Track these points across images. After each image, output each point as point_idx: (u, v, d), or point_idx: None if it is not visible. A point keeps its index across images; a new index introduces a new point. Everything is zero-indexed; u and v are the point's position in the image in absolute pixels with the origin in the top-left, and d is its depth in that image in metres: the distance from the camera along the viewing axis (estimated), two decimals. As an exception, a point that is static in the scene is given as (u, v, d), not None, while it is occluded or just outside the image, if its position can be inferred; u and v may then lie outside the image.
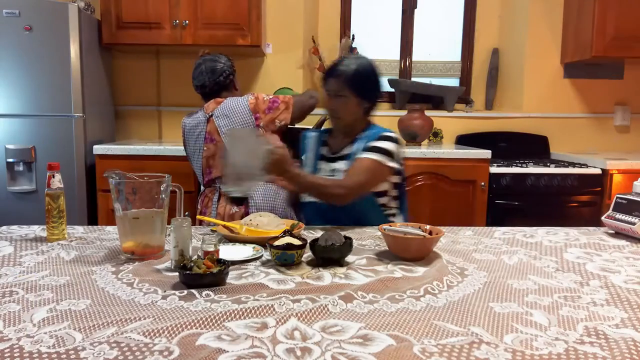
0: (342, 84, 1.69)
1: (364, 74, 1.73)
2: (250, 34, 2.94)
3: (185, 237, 1.16)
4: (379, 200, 1.73)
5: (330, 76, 1.72)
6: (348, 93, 1.70)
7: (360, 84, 1.71)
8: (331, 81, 1.71)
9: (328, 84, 1.72)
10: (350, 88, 1.70)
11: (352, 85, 1.69)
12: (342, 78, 1.69)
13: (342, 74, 1.69)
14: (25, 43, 2.65)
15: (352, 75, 1.70)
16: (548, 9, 3.36)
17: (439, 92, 3.44)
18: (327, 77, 1.73)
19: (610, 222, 1.54)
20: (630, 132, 3.52)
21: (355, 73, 1.70)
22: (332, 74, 1.72)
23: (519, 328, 0.87)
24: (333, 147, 1.81)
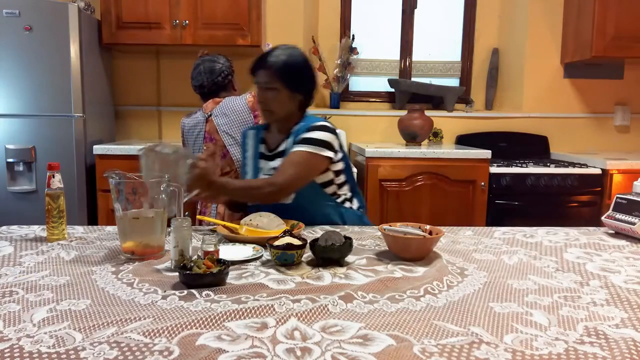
0: (271, 75, 1.61)
1: (294, 66, 1.64)
2: (250, 34, 2.94)
3: (185, 237, 1.16)
4: (327, 191, 1.69)
5: (259, 68, 1.63)
6: (279, 85, 1.62)
7: (291, 75, 1.63)
8: (260, 73, 1.63)
9: (257, 76, 1.64)
10: (281, 80, 1.62)
11: (282, 77, 1.62)
12: (272, 70, 1.61)
13: (272, 66, 1.61)
14: (25, 43, 2.65)
15: (282, 67, 1.61)
16: (548, 9, 3.36)
17: (439, 92, 3.44)
18: (256, 69, 1.64)
19: (610, 222, 1.54)
20: (630, 132, 3.52)
21: (285, 64, 1.62)
22: (261, 66, 1.63)
23: (519, 328, 0.87)
24: (270, 144, 1.76)
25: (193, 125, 2.23)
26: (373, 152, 2.75)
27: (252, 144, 1.81)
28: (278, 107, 1.65)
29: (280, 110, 1.66)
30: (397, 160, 2.75)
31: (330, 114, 3.26)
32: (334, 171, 1.70)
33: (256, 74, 1.65)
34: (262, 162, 1.76)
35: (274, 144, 1.75)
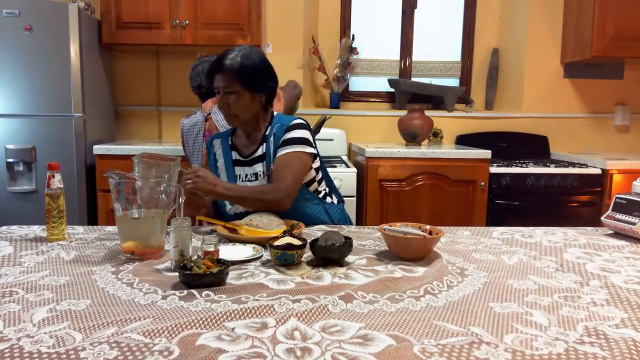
0: (230, 78, 1.57)
1: (252, 66, 1.59)
2: (250, 34, 2.94)
3: (185, 237, 1.16)
4: (310, 189, 1.69)
5: (216, 72, 1.58)
6: (239, 88, 1.58)
7: (250, 76, 1.59)
8: (218, 77, 1.58)
9: (215, 81, 1.59)
10: (241, 82, 1.58)
11: (241, 79, 1.58)
12: (230, 73, 1.57)
13: (228, 68, 1.57)
14: (25, 43, 2.65)
15: (239, 69, 1.57)
16: (548, 9, 3.36)
17: (439, 92, 3.44)
18: (213, 74, 1.60)
19: (610, 222, 1.54)
20: (630, 132, 3.52)
21: (242, 66, 1.57)
22: (218, 70, 1.58)
23: (519, 328, 0.87)
24: (243, 150, 1.71)
25: (192, 125, 2.23)
26: (373, 152, 2.75)
27: (221, 152, 1.75)
28: (242, 110, 1.61)
29: (245, 113, 1.62)
30: (397, 160, 2.75)
31: (330, 114, 3.26)
32: (314, 168, 1.70)
33: (213, 79, 1.60)
34: (239, 169, 1.70)
35: (248, 149, 1.70)
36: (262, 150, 1.67)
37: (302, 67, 3.36)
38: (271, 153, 1.64)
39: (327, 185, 1.79)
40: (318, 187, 1.73)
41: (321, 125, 2.84)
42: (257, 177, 1.66)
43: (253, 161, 1.68)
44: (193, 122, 2.23)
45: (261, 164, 1.66)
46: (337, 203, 1.79)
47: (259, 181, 1.66)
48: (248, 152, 1.70)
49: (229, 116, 1.63)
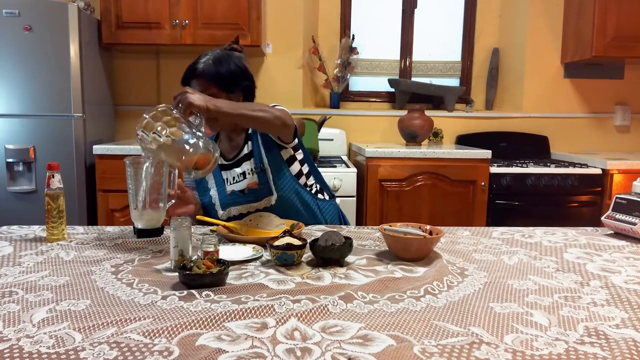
0: (205, 82, 1.57)
1: (223, 66, 1.59)
2: (250, 33, 2.94)
3: (185, 237, 1.16)
4: (301, 182, 1.68)
5: (191, 78, 1.58)
6: (215, 91, 1.58)
7: (224, 77, 1.59)
8: (193, 83, 1.58)
9: (193, 86, 1.57)
10: (216, 85, 1.58)
11: (216, 80, 1.58)
12: (204, 77, 1.56)
13: (202, 72, 1.57)
14: (25, 43, 2.64)
15: (213, 71, 1.57)
16: (548, 9, 3.36)
17: (439, 92, 3.44)
18: (187, 80, 1.59)
19: (610, 223, 1.54)
20: (630, 132, 3.52)
21: (215, 68, 1.57)
22: (193, 76, 1.58)
23: (519, 328, 0.87)
24: (225, 153, 1.70)
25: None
26: (373, 152, 2.75)
27: None
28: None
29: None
30: (397, 160, 2.75)
31: (330, 114, 3.26)
32: (298, 160, 1.69)
33: (190, 85, 1.59)
34: (225, 173, 1.69)
35: (231, 151, 1.70)
36: (247, 149, 1.67)
37: (302, 67, 3.36)
38: (260, 148, 1.63)
39: (316, 180, 1.77)
40: (307, 180, 1.72)
41: (321, 125, 2.85)
42: (245, 176, 1.66)
43: (239, 161, 1.67)
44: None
45: (249, 161, 1.65)
46: (329, 199, 1.78)
47: (247, 179, 1.65)
48: (232, 155, 1.69)
49: (209, 121, 1.59)
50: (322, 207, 1.73)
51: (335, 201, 1.83)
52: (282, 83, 3.35)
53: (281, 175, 1.62)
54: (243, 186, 1.66)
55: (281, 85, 3.35)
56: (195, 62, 1.60)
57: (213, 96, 1.52)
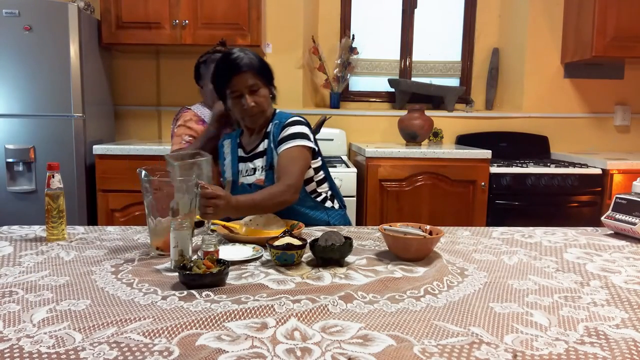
0: (255, 75, 1.60)
1: (265, 62, 1.66)
2: (250, 33, 2.94)
3: (185, 237, 1.16)
4: (307, 189, 1.70)
5: (239, 71, 1.58)
6: (261, 84, 1.62)
7: (267, 72, 1.65)
8: (244, 76, 1.58)
9: (239, 82, 1.59)
10: (262, 79, 1.62)
11: (263, 75, 1.62)
12: (254, 69, 1.59)
13: (252, 66, 1.60)
14: (25, 43, 2.64)
15: (260, 65, 1.61)
16: (548, 8, 3.36)
17: (439, 92, 3.44)
18: (233, 75, 1.58)
19: (610, 223, 1.54)
20: (630, 132, 3.52)
21: (260, 62, 1.62)
22: (241, 69, 1.58)
23: (519, 328, 0.87)
24: (246, 146, 1.75)
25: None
26: (373, 152, 2.75)
27: (229, 150, 1.78)
28: (267, 105, 1.67)
29: (269, 108, 1.68)
30: (397, 160, 2.75)
31: (330, 114, 3.26)
32: (313, 168, 1.70)
33: (232, 81, 1.59)
34: (242, 165, 1.74)
35: (250, 145, 1.73)
36: (263, 146, 1.69)
37: (302, 67, 3.36)
38: (272, 149, 1.65)
39: (329, 188, 1.78)
40: (317, 187, 1.73)
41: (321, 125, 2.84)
42: (255, 172, 1.68)
43: (254, 156, 1.70)
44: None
45: (262, 159, 1.68)
46: (338, 208, 1.78)
47: (255, 175, 1.67)
48: (250, 148, 1.73)
49: (257, 114, 1.65)
50: (330, 215, 1.72)
51: (345, 212, 1.82)
52: (282, 83, 3.32)
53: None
54: (251, 181, 1.68)
55: (281, 85, 3.31)
56: (234, 58, 1.59)
57: (260, 91, 1.61)
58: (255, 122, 1.68)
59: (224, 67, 1.61)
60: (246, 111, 1.62)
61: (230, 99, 1.63)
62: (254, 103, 1.61)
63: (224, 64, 1.61)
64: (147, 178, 1.28)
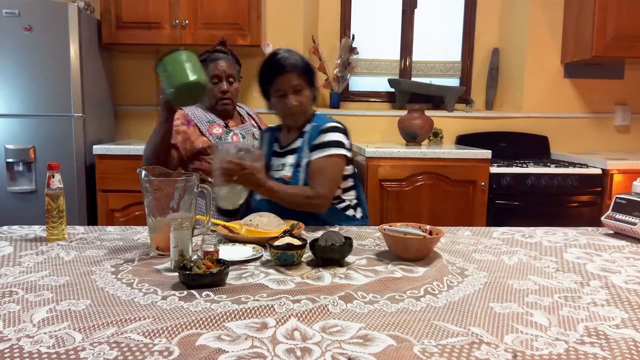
0: (299, 77, 1.64)
1: (309, 64, 1.71)
2: (250, 33, 2.94)
3: (185, 238, 1.16)
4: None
5: (284, 71, 1.63)
6: (305, 85, 1.66)
7: (311, 74, 1.70)
8: (289, 76, 1.63)
9: (283, 82, 1.64)
10: (306, 80, 1.66)
11: (307, 76, 1.67)
12: (299, 70, 1.64)
13: (297, 66, 1.64)
14: (25, 43, 2.64)
15: (304, 67, 1.66)
16: (548, 9, 3.35)
17: (439, 92, 3.44)
18: (278, 75, 1.64)
19: (610, 223, 1.54)
20: (630, 132, 3.52)
21: (305, 64, 1.67)
22: (282, 71, 1.63)
23: (519, 328, 0.87)
24: (282, 142, 1.79)
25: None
26: (373, 152, 2.74)
27: (266, 142, 1.83)
28: (308, 105, 1.70)
29: (310, 108, 1.72)
30: (397, 160, 2.75)
31: (330, 114, 3.25)
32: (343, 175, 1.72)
33: (276, 80, 1.65)
34: (275, 160, 1.77)
35: (285, 141, 1.77)
36: (297, 144, 1.72)
37: (302, 67, 3.36)
38: (304, 149, 1.68)
39: (356, 197, 1.79)
40: (342, 194, 1.73)
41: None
42: (284, 167, 1.71)
43: (286, 153, 1.74)
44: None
45: (293, 156, 1.70)
46: (359, 218, 1.78)
47: (284, 171, 1.70)
48: (285, 143, 1.76)
49: (300, 114, 1.68)
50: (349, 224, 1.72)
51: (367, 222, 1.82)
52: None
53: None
54: (278, 176, 1.70)
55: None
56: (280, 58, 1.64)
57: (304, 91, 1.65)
58: (296, 122, 1.71)
59: (270, 66, 1.67)
60: (289, 110, 1.67)
61: (274, 97, 1.68)
62: (297, 103, 1.65)
63: (270, 64, 1.67)
64: (147, 178, 1.28)
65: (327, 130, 1.67)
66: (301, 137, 1.71)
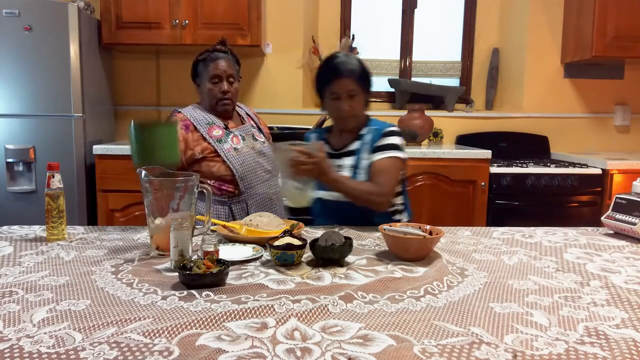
0: (355, 83, 1.67)
1: (367, 70, 1.73)
2: (250, 33, 2.93)
3: (185, 237, 1.15)
4: None
5: (341, 76, 1.67)
6: (360, 91, 1.69)
7: (367, 80, 1.72)
8: (340, 82, 1.67)
9: (339, 85, 1.67)
10: (362, 85, 1.69)
11: (363, 82, 1.70)
12: (355, 76, 1.68)
13: (353, 72, 1.68)
14: (25, 43, 2.64)
15: (361, 73, 1.69)
16: (548, 9, 3.35)
17: (439, 92, 3.44)
18: (334, 78, 1.68)
19: (610, 223, 1.54)
20: (630, 132, 3.52)
21: (362, 70, 1.70)
22: (338, 75, 1.67)
23: (519, 328, 0.87)
24: (335, 144, 1.80)
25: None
26: (373, 152, 2.74)
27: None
28: (360, 110, 1.73)
29: (361, 112, 1.74)
30: (397, 160, 2.74)
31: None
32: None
33: (332, 84, 1.68)
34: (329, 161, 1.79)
35: (341, 144, 1.78)
36: (355, 146, 1.74)
37: (302, 67, 3.36)
38: (364, 151, 1.71)
39: (402, 202, 1.82)
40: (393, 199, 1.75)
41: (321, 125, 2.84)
42: (341, 169, 1.72)
43: (343, 155, 1.75)
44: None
45: (351, 158, 1.73)
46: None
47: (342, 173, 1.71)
48: (340, 146, 1.78)
49: (350, 117, 1.71)
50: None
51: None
52: (282, 83, 3.34)
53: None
54: None
55: (281, 85, 3.35)
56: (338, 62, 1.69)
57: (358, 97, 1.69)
58: (348, 125, 1.74)
59: (328, 69, 1.71)
60: (341, 114, 1.70)
61: (328, 99, 1.72)
62: (349, 107, 1.68)
63: (328, 67, 1.71)
64: (147, 178, 1.28)
65: (389, 134, 1.71)
66: (358, 139, 1.74)
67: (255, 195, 1.90)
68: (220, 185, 1.86)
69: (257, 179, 1.90)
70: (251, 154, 1.91)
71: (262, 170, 1.93)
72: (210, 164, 1.84)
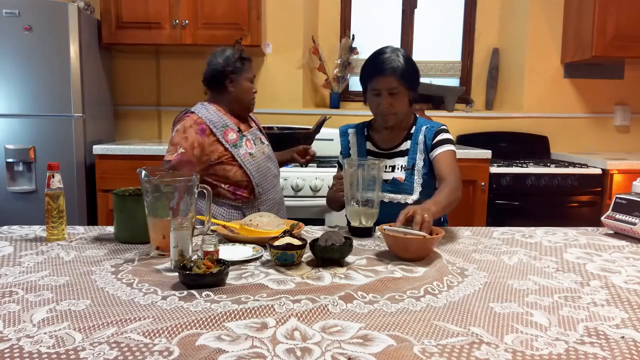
0: (397, 80, 1.64)
1: (413, 67, 1.69)
2: (250, 33, 2.93)
3: (185, 237, 1.15)
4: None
5: (382, 73, 1.64)
6: (402, 88, 1.65)
7: (411, 77, 1.68)
8: (386, 79, 1.64)
9: (380, 82, 1.64)
10: (405, 83, 1.65)
11: (406, 80, 1.65)
12: (397, 75, 1.64)
13: (396, 70, 1.64)
14: (25, 43, 2.64)
15: (404, 71, 1.65)
16: (548, 9, 3.35)
17: (439, 92, 3.44)
18: (377, 75, 1.65)
19: (610, 223, 1.54)
20: (630, 132, 3.52)
21: (406, 68, 1.66)
22: (385, 71, 1.64)
23: (519, 328, 0.87)
24: (382, 143, 1.77)
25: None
26: (373, 152, 2.74)
27: (354, 141, 1.81)
28: (402, 108, 1.69)
29: (404, 110, 1.71)
30: (397, 160, 2.75)
31: (330, 114, 3.25)
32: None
33: (374, 80, 1.66)
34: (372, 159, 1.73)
35: (388, 143, 1.76)
36: (406, 146, 1.73)
37: (302, 67, 3.36)
38: (418, 151, 1.70)
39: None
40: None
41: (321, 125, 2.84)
42: (394, 170, 1.71)
43: (393, 155, 1.74)
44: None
45: (403, 158, 1.72)
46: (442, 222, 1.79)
47: (395, 173, 1.71)
48: (389, 146, 1.76)
49: (391, 115, 1.68)
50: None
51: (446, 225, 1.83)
52: (282, 83, 3.34)
53: (426, 182, 1.68)
54: (387, 177, 1.70)
55: (281, 85, 3.35)
56: (383, 57, 1.67)
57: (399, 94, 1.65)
58: (387, 122, 1.71)
59: (372, 64, 1.69)
60: (381, 110, 1.68)
61: (370, 94, 1.69)
62: (388, 105, 1.66)
63: (373, 62, 1.69)
64: (147, 178, 1.28)
65: (442, 131, 1.72)
66: (409, 139, 1.73)
67: (267, 200, 1.90)
68: (235, 190, 1.85)
69: (268, 184, 1.90)
70: (262, 158, 1.90)
71: (271, 175, 1.93)
72: (227, 167, 1.83)
